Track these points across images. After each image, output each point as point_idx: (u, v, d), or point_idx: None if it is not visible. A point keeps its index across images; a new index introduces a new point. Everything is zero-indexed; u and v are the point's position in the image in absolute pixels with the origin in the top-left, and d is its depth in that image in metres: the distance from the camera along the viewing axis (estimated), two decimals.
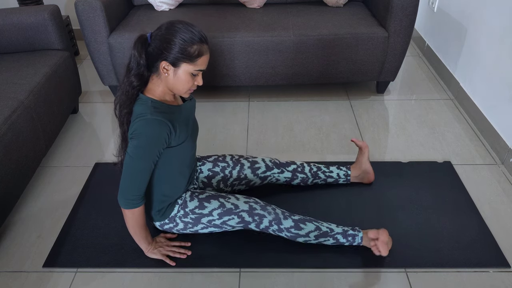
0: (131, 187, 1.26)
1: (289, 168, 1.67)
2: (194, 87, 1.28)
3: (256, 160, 1.64)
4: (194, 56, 1.20)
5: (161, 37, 1.19)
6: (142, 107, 1.24)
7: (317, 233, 1.43)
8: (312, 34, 2.16)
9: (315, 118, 2.25)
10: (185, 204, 1.44)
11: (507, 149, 1.86)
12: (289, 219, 1.42)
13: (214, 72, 2.27)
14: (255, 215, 1.42)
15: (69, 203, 1.73)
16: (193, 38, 1.18)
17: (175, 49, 1.18)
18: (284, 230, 1.42)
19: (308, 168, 1.70)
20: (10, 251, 1.53)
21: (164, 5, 2.47)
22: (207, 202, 1.43)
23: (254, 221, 1.43)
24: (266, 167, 1.64)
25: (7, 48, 2.08)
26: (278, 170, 1.66)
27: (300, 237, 1.43)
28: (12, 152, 1.56)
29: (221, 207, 1.42)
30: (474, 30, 2.19)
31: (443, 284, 1.38)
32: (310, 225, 1.43)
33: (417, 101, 2.38)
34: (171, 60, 1.20)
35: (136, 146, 1.22)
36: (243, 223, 1.44)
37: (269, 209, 1.43)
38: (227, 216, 1.43)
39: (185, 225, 1.46)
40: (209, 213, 1.43)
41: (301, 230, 1.42)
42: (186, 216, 1.44)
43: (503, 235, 1.54)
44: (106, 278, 1.42)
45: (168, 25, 1.20)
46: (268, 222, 1.42)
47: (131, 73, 1.24)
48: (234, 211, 1.42)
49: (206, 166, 1.60)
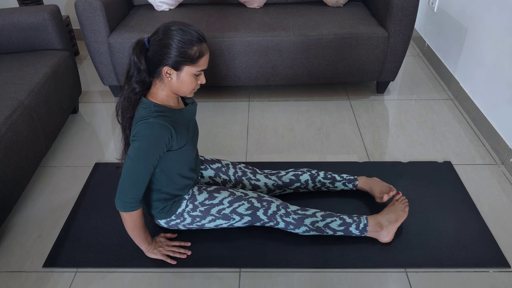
0: (130, 190, 1.26)
1: (292, 187, 1.65)
2: (198, 87, 1.28)
3: (258, 184, 1.62)
4: (195, 58, 1.19)
5: (159, 42, 1.17)
6: (144, 111, 1.23)
7: (323, 213, 1.48)
8: (312, 34, 2.16)
9: (315, 118, 2.25)
10: (194, 198, 1.44)
11: (507, 149, 1.86)
12: (295, 205, 1.51)
13: (214, 72, 2.27)
14: (263, 201, 1.46)
15: (69, 203, 1.73)
16: (191, 40, 1.17)
17: (175, 53, 1.16)
18: (291, 213, 1.46)
19: (312, 185, 1.66)
20: (10, 251, 1.53)
21: (164, 5, 2.47)
22: (216, 193, 1.46)
23: (262, 207, 1.46)
24: (267, 191, 1.64)
25: (7, 48, 2.08)
26: (280, 190, 1.66)
27: (307, 218, 1.45)
28: (12, 152, 1.56)
29: (231, 195, 1.46)
30: (474, 30, 2.19)
31: (443, 284, 1.38)
32: (315, 209, 1.50)
33: (417, 101, 2.38)
34: (172, 65, 1.19)
35: (137, 148, 1.22)
36: (252, 210, 1.45)
37: (276, 198, 1.52)
38: (237, 203, 1.45)
39: (192, 219, 1.46)
40: (219, 202, 1.44)
41: (308, 211, 1.47)
42: (196, 209, 1.44)
43: (503, 235, 1.54)
44: (106, 278, 1.42)
45: (165, 29, 1.18)
46: (275, 206, 1.46)
47: (132, 80, 1.23)
48: (244, 198, 1.46)
49: (207, 172, 1.60)
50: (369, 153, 1.97)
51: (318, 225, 1.46)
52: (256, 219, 1.47)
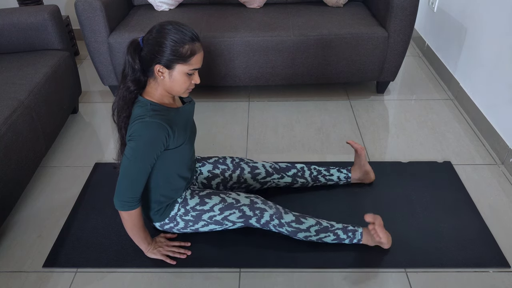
0: (127, 189, 1.26)
1: (289, 173, 1.67)
2: (192, 86, 1.28)
3: (256, 166, 1.64)
4: (187, 56, 1.20)
5: (152, 41, 1.19)
6: (141, 110, 1.24)
7: (318, 227, 1.44)
8: (312, 34, 2.16)
9: (315, 118, 2.25)
10: (186, 202, 1.44)
11: (507, 149, 1.86)
12: (290, 214, 1.45)
13: (214, 72, 2.27)
14: (256, 209, 1.43)
15: (69, 203, 1.73)
16: (183, 38, 1.18)
17: (167, 51, 1.17)
18: (285, 224, 1.43)
19: (308, 172, 1.70)
20: (10, 251, 1.53)
21: (164, 5, 2.47)
22: (208, 198, 1.44)
23: (255, 215, 1.43)
24: (266, 173, 1.64)
25: (7, 48, 2.08)
26: (278, 175, 1.66)
27: (300, 232, 1.44)
28: (12, 152, 1.56)
29: (222, 202, 1.43)
30: (474, 30, 2.19)
31: (443, 284, 1.38)
32: (310, 220, 1.45)
33: (417, 101, 2.38)
34: (164, 63, 1.19)
35: (133, 148, 1.22)
36: (244, 218, 1.44)
37: (270, 204, 1.45)
38: (228, 211, 1.43)
39: (185, 224, 1.46)
40: (210, 208, 1.43)
41: (302, 225, 1.43)
42: (187, 214, 1.44)
43: (503, 235, 1.54)
44: (106, 278, 1.42)
45: (159, 28, 1.19)
46: (269, 216, 1.43)
47: (127, 79, 1.24)
48: (235, 205, 1.43)
49: (206, 167, 1.60)
50: (369, 153, 1.97)
51: (312, 239, 1.46)
52: (249, 225, 1.47)
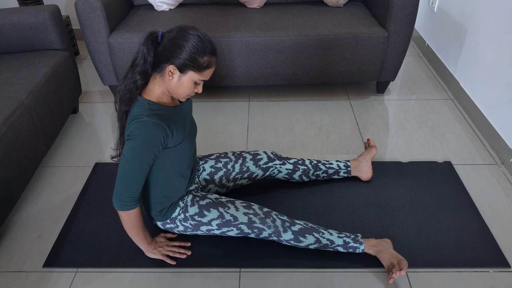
0: (125, 189, 1.26)
1: (291, 161, 1.70)
2: (193, 94, 1.29)
3: (258, 152, 1.67)
4: (203, 67, 1.21)
5: (172, 40, 1.18)
6: (139, 109, 1.23)
7: (317, 245, 1.43)
8: (312, 34, 2.16)
9: (315, 118, 2.25)
10: (186, 209, 1.44)
11: (507, 149, 1.86)
12: (289, 231, 1.41)
13: (214, 72, 2.27)
14: (254, 228, 1.42)
15: (69, 203, 1.73)
16: (205, 49, 1.19)
17: (185, 55, 1.18)
18: (283, 241, 1.44)
19: (308, 161, 1.74)
20: (10, 251, 1.53)
21: (164, 5, 2.47)
22: (206, 211, 1.43)
23: (253, 233, 1.43)
24: (268, 158, 1.65)
25: (7, 48, 2.08)
26: (280, 161, 1.67)
27: (299, 247, 1.45)
28: (12, 152, 1.56)
29: (220, 217, 1.42)
30: (474, 30, 2.19)
31: (443, 284, 1.38)
32: (310, 237, 1.41)
33: (417, 101, 2.38)
34: (178, 65, 1.19)
35: (131, 148, 1.22)
36: (242, 234, 1.45)
37: (269, 222, 1.41)
38: (225, 228, 1.43)
39: (185, 228, 1.47)
40: (208, 222, 1.43)
41: (301, 243, 1.42)
42: (186, 221, 1.44)
43: (503, 235, 1.54)
44: (106, 278, 1.42)
45: (181, 29, 1.19)
46: (267, 234, 1.43)
47: (136, 69, 1.23)
48: (233, 223, 1.42)
49: (208, 163, 1.61)
50: None
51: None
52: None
